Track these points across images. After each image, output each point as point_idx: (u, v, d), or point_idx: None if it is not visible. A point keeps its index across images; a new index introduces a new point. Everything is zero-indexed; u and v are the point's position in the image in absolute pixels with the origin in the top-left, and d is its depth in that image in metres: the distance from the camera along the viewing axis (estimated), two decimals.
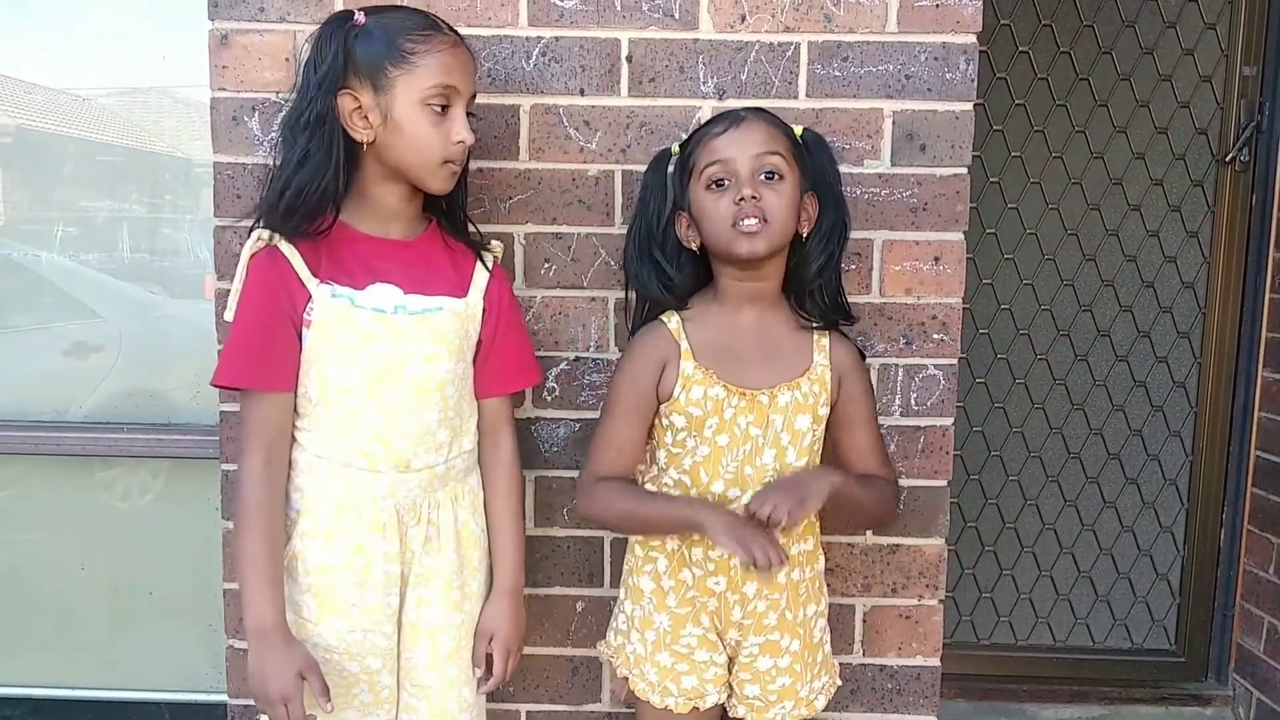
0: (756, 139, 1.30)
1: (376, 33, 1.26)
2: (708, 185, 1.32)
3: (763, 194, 1.29)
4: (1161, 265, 2.34)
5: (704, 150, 1.32)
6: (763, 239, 1.29)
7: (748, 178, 1.29)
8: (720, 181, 1.31)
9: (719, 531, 1.24)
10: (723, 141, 1.31)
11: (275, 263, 1.27)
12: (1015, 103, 2.28)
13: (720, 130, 1.32)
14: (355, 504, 1.31)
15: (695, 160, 1.33)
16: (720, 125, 1.33)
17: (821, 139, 1.43)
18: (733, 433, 1.34)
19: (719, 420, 1.34)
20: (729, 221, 1.29)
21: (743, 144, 1.30)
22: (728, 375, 1.34)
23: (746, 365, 1.36)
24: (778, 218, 1.30)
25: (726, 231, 1.30)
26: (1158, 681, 2.42)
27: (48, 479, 2.13)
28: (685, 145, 1.38)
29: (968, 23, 1.51)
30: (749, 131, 1.31)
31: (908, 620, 1.65)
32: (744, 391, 1.34)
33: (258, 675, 1.25)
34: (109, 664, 2.16)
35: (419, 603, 1.36)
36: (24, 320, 2.16)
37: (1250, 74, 2.25)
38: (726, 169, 1.30)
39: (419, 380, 1.30)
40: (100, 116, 2.19)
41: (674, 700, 1.40)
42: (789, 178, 1.32)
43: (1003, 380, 2.39)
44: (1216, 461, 2.38)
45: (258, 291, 1.27)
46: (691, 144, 1.36)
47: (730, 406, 1.34)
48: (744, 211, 1.28)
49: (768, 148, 1.30)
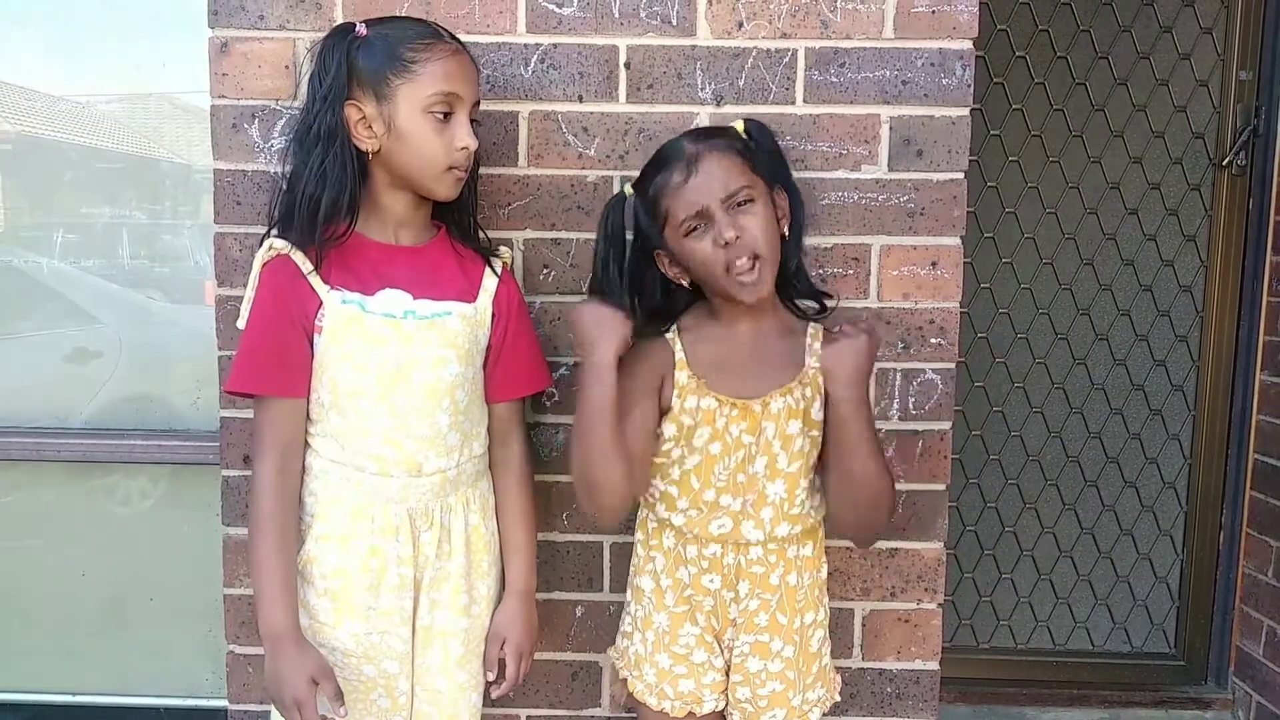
0: (718, 178, 1.28)
1: (378, 43, 1.27)
2: (686, 234, 1.30)
3: (743, 225, 1.28)
4: (1159, 269, 2.35)
5: (673, 202, 1.29)
6: (763, 280, 1.29)
7: (725, 220, 1.27)
8: (696, 227, 1.29)
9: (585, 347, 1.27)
10: (689, 191, 1.28)
11: (286, 270, 1.29)
12: (1013, 107, 2.29)
13: (682, 180, 1.28)
14: (368, 508, 1.32)
15: (666, 212, 1.31)
16: (679, 174, 1.29)
17: (763, 126, 1.39)
18: (725, 441, 1.34)
19: (711, 429, 1.34)
20: (721, 266, 1.28)
21: (709, 189, 1.27)
22: (722, 387, 1.34)
23: (741, 376, 1.35)
24: (765, 247, 1.29)
25: (723, 277, 1.29)
26: (1157, 685, 2.43)
27: (49, 485, 2.14)
28: (640, 187, 1.35)
29: (964, 28, 1.52)
30: (708, 172, 1.28)
31: (907, 624, 1.65)
32: (735, 402, 1.34)
33: (272, 679, 1.26)
34: (110, 669, 2.16)
35: (432, 605, 1.37)
36: (25, 326, 2.17)
37: (1247, 78, 2.26)
38: (701, 217, 1.28)
39: (429, 384, 1.31)
40: (101, 123, 2.19)
41: (670, 703, 1.40)
42: (759, 196, 1.30)
43: (1001, 384, 2.39)
44: (1215, 464, 2.38)
45: (270, 299, 1.29)
46: (653, 191, 1.32)
47: (723, 416, 1.34)
48: (734, 254, 1.27)
49: (733, 186, 1.28)
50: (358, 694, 1.35)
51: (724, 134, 1.35)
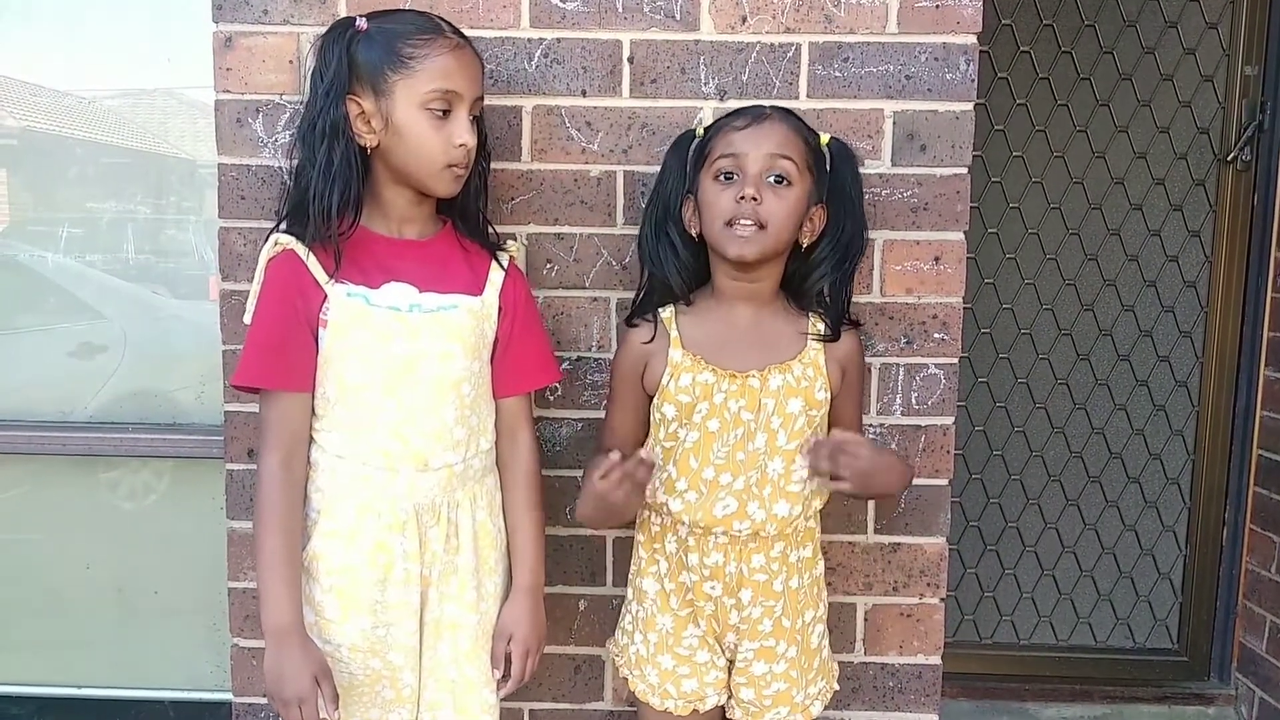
0: (773, 139, 1.30)
1: (377, 38, 1.26)
2: (716, 176, 1.31)
3: (765, 197, 1.28)
4: (1163, 264, 2.35)
5: (720, 140, 1.32)
6: (754, 245, 1.29)
7: (755, 177, 1.28)
8: (729, 174, 1.30)
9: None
10: (739, 136, 1.30)
11: (291, 265, 1.29)
12: (1016, 102, 2.29)
13: (740, 125, 1.31)
14: (374, 504, 1.31)
15: (711, 148, 1.33)
16: (742, 119, 1.32)
17: (848, 150, 1.40)
18: (723, 417, 1.34)
19: (709, 405, 1.34)
20: (725, 218, 1.29)
21: (758, 142, 1.29)
22: (718, 361, 1.34)
23: (738, 354, 1.35)
24: (775, 225, 1.29)
25: (721, 228, 1.30)
26: (1160, 680, 2.43)
27: (53, 479, 2.14)
28: (709, 128, 1.37)
29: (968, 23, 1.51)
30: (768, 130, 1.30)
31: (909, 619, 1.66)
32: (734, 375, 1.33)
33: (274, 675, 1.25)
34: (114, 663, 2.16)
35: (441, 598, 1.36)
36: (29, 321, 2.17)
37: (1252, 73, 2.25)
38: (737, 163, 1.29)
39: (435, 378, 1.31)
40: (105, 118, 2.20)
41: (674, 703, 1.41)
42: (798, 186, 1.31)
43: (1004, 379, 2.39)
44: (1219, 460, 2.38)
45: (275, 294, 1.29)
46: (711, 131, 1.35)
47: (720, 391, 1.33)
48: (742, 212, 1.28)
49: (781, 150, 1.29)
50: (363, 686, 1.35)
51: (806, 127, 1.35)
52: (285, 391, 1.29)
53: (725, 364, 1.34)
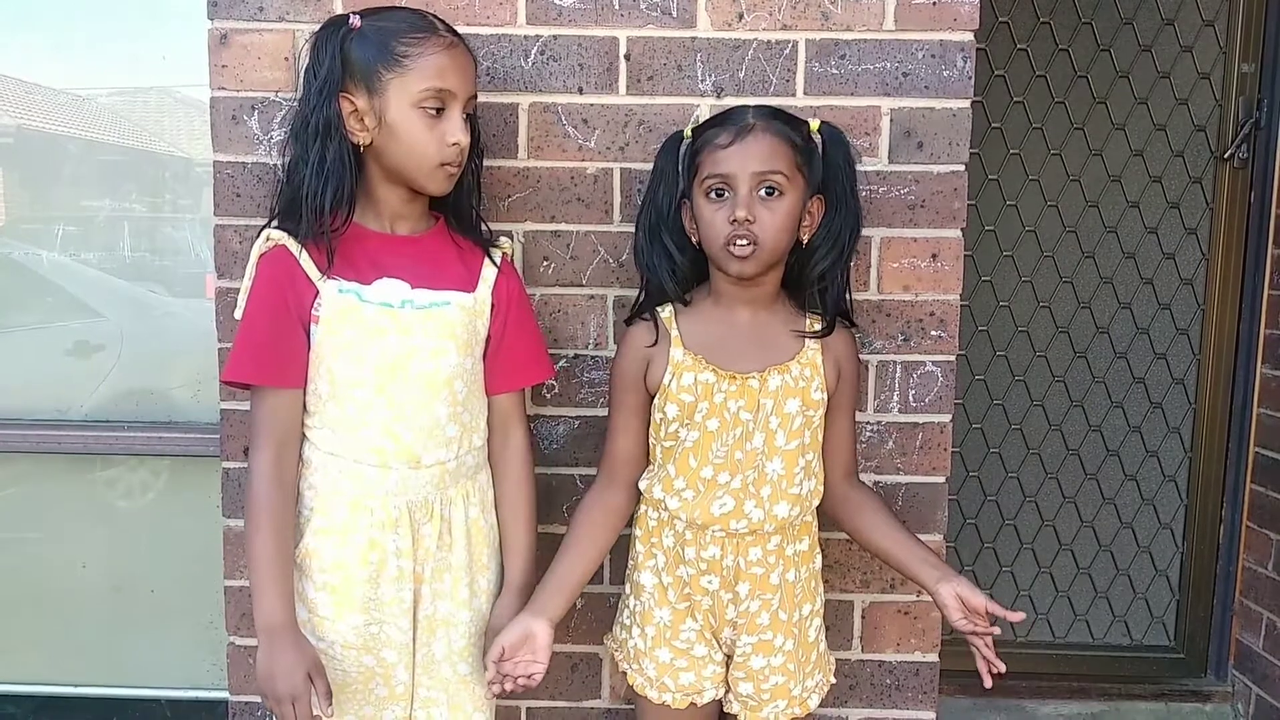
0: (758, 156, 1.27)
1: (370, 35, 1.26)
2: (707, 193, 1.31)
3: (758, 214, 1.27)
4: (1160, 262, 2.35)
5: (707, 158, 1.30)
6: (752, 262, 1.29)
7: (745, 197, 1.27)
8: (720, 191, 1.30)
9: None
10: (724, 155, 1.29)
11: (283, 261, 1.28)
12: (1014, 100, 2.29)
13: (725, 142, 1.29)
14: (367, 501, 1.31)
15: (699, 163, 1.32)
16: (725, 135, 1.29)
17: (840, 135, 1.38)
18: (723, 417, 1.34)
19: (709, 405, 1.34)
20: (721, 240, 1.29)
21: (744, 161, 1.27)
22: (718, 361, 1.34)
23: (738, 354, 1.35)
24: (770, 239, 1.28)
25: (719, 248, 1.30)
26: (1157, 678, 2.43)
27: (49, 477, 2.14)
28: (696, 132, 1.35)
29: (965, 20, 1.51)
30: (752, 147, 1.28)
31: (906, 616, 1.66)
32: (734, 375, 1.34)
33: (266, 673, 1.25)
34: (110, 661, 2.16)
35: (434, 595, 1.36)
36: (25, 319, 2.17)
37: (1249, 71, 2.25)
38: (726, 182, 1.29)
39: (427, 375, 1.31)
40: (101, 116, 2.19)
41: (671, 696, 1.41)
42: (790, 193, 1.30)
43: (1002, 377, 2.39)
44: (1215, 458, 2.38)
45: (266, 289, 1.28)
46: (699, 143, 1.33)
47: (720, 391, 1.34)
48: (736, 233, 1.27)
49: (768, 166, 1.27)
50: (356, 684, 1.35)
51: (790, 122, 1.33)
52: (276, 388, 1.29)
53: (725, 364, 1.34)
